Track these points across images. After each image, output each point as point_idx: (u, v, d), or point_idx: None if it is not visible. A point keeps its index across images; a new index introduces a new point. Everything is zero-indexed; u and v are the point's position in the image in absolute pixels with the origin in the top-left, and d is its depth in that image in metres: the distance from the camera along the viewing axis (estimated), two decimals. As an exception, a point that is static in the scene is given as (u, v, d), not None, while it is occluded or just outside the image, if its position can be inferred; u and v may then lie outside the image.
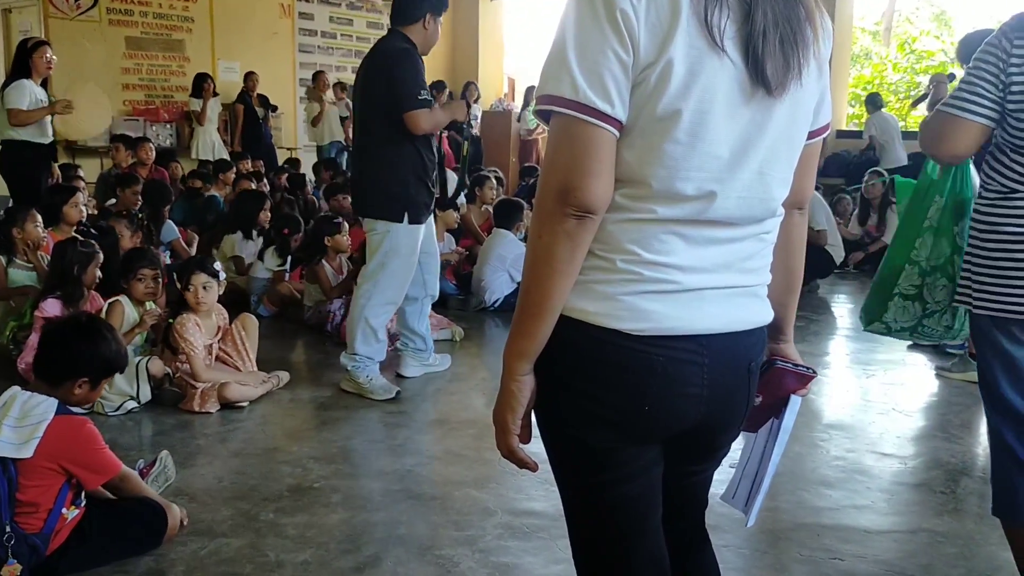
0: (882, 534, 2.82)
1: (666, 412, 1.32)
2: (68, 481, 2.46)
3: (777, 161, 1.32)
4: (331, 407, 4.00)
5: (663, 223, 1.26)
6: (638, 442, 1.36)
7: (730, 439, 1.48)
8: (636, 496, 1.39)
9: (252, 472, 3.21)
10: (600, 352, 1.29)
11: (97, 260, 4.26)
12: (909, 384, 4.53)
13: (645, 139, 1.23)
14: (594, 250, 1.28)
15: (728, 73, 1.22)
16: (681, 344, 1.29)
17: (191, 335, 3.95)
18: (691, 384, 1.31)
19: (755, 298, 1.38)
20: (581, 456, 1.38)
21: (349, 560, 2.59)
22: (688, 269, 1.28)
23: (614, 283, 1.27)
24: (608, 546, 1.43)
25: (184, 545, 2.65)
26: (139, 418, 3.80)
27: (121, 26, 10.08)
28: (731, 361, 1.35)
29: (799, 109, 1.32)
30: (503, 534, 2.76)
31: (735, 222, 1.30)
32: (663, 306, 1.27)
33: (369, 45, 4.74)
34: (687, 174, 1.24)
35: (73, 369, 2.57)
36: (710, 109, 1.22)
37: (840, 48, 11.45)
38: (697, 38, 1.19)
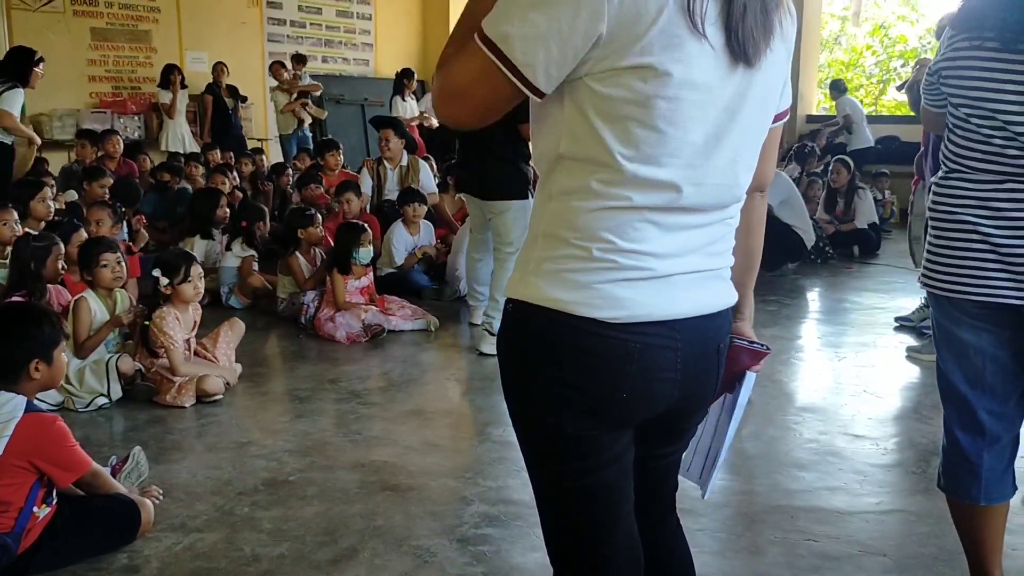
0: (855, 515, 2.85)
1: (643, 397, 1.33)
2: (39, 479, 2.43)
3: (746, 147, 1.35)
4: (306, 400, 3.98)
5: (638, 210, 1.26)
6: (614, 428, 1.36)
7: (698, 420, 1.51)
8: (610, 483, 1.40)
9: (227, 466, 3.19)
10: (576, 340, 1.29)
11: (56, 252, 4.18)
12: (880, 366, 4.58)
13: (619, 125, 1.23)
14: (569, 239, 1.28)
15: (707, 60, 1.22)
16: (655, 330, 1.30)
17: (171, 328, 3.91)
18: (666, 368, 1.32)
19: (721, 280, 1.41)
20: (557, 444, 1.37)
21: (326, 553, 2.58)
22: (661, 255, 1.29)
23: (590, 271, 1.27)
24: (583, 533, 1.43)
25: (158, 541, 2.63)
26: (111, 414, 3.76)
27: (86, 17, 9.92)
28: (702, 344, 1.37)
29: (769, 94, 1.35)
30: (480, 523, 2.77)
31: (706, 208, 1.32)
32: (637, 293, 1.28)
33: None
34: (662, 160, 1.24)
35: (19, 357, 2.52)
36: (685, 96, 1.22)
37: (809, 33, 11.50)
38: (678, 25, 1.19)
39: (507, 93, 1.25)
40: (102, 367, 3.81)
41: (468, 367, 4.56)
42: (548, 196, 1.32)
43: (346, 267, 5.04)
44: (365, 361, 4.61)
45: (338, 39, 12.49)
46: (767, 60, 1.30)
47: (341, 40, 12.53)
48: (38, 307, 2.75)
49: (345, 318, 4.94)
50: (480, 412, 3.94)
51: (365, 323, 4.96)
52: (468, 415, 3.90)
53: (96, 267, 3.99)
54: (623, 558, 1.44)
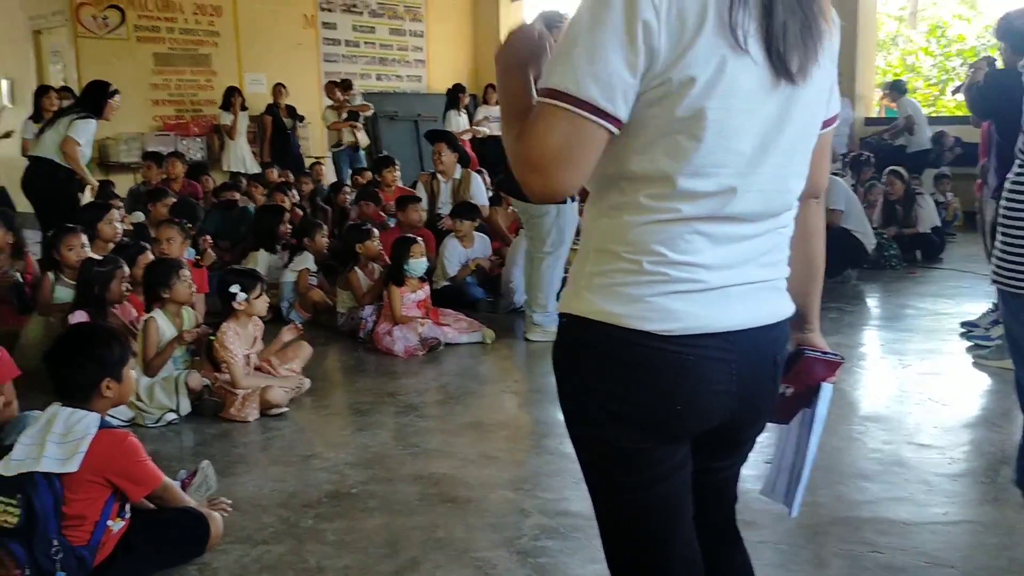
0: (922, 526, 2.79)
1: (698, 410, 1.33)
2: (113, 494, 2.51)
3: (795, 154, 1.35)
4: (366, 413, 4.04)
5: (687, 222, 1.27)
6: (669, 441, 1.37)
7: (756, 433, 1.50)
8: (668, 496, 1.40)
9: (291, 479, 3.26)
10: (630, 354, 1.29)
11: (119, 275, 4.30)
12: (946, 373, 4.49)
13: (667, 139, 1.25)
14: (620, 253, 1.30)
15: (750, 71, 1.24)
16: (709, 342, 1.30)
17: (231, 344, 4.02)
18: (720, 381, 1.32)
19: (776, 291, 1.40)
20: (612, 459, 1.38)
21: (388, 564, 2.62)
22: (713, 267, 1.29)
23: (642, 284, 1.28)
24: (641, 547, 1.44)
25: (227, 553, 2.70)
26: (179, 429, 3.87)
27: (149, 43, 10.24)
28: (757, 356, 1.36)
29: (816, 102, 1.35)
30: (540, 535, 2.78)
31: (755, 217, 1.32)
32: (690, 305, 1.28)
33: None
34: (710, 170, 1.26)
35: (91, 377, 2.60)
36: (732, 106, 1.24)
37: (866, 35, 11.31)
38: (720, 39, 1.21)
39: (596, 137, 1.23)
40: (171, 384, 3.92)
41: (525, 379, 4.58)
42: (599, 212, 1.34)
43: (400, 279, 5.10)
44: (423, 374, 4.66)
45: (391, 57, 12.69)
46: (816, 70, 1.30)
47: (394, 58, 12.72)
48: (106, 328, 2.84)
49: (403, 332, 4.99)
50: (537, 424, 3.95)
51: (422, 337, 5.01)
52: (525, 427, 3.91)
53: (176, 282, 4.10)
54: (683, 571, 1.45)
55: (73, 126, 6.12)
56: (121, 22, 9.93)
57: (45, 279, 4.79)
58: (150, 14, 10.19)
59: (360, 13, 12.29)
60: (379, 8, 12.47)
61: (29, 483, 2.37)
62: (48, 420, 2.51)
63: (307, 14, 11.69)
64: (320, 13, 11.82)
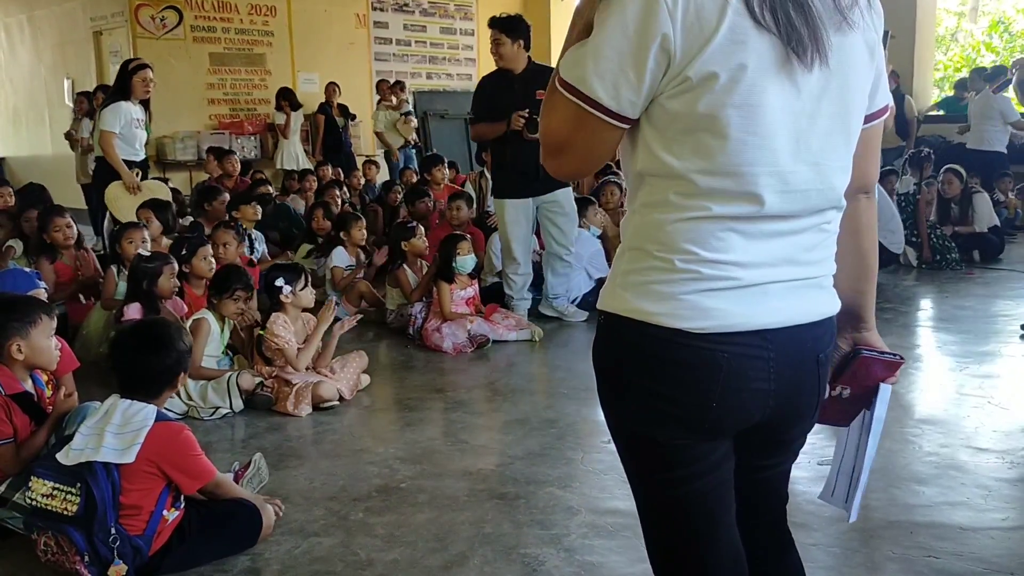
0: (979, 531, 2.73)
1: (734, 408, 1.33)
2: (168, 485, 2.56)
3: (833, 150, 1.32)
4: (415, 409, 4.07)
5: (719, 220, 1.27)
6: (707, 438, 1.36)
7: (802, 431, 1.47)
8: (707, 492, 1.40)
9: (341, 473, 3.30)
10: (664, 351, 1.30)
11: (168, 271, 4.38)
12: (1005, 376, 4.38)
13: (692, 136, 1.25)
14: (652, 251, 1.30)
15: (773, 65, 1.22)
16: (745, 340, 1.29)
17: (281, 330, 4.08)
18: (757, 379, 1.31)
19: (820, 289, 1.38)
20: (651, 454, 1.39)
21: (437, 559, 2.63)
22: (748, 265, 1.28)
23: (674, 283, 1.28)
24: (682, 543, 1.43)
25: (278, 544, 2.74)
26: (233, 421, 3.93)
27: (205, 43, 10.42)
28: (797, 354, 1.35)
29: (851, 92, 1.32)
30: (588, 533, 2.78)
31: (793, 215, 1.30)
32: (725, 303, 1.28)
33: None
34: (740, 168, 1.25)
35: (167, 380, 2.69)
36: (759, 103, 1.23)
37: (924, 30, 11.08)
38: (742, 26, 1.20)
39: (602, 132, 1.28)
40: (223, 385, 3.98)
41: (573, 377, 4.57)
42: (632, 210, 1.36)
43: (449, 276, 5.13)
44: (471, 371, 4.68)
45: (442, 55, 12.75)
46: (838, 58, 1.27)
47: (445, 56, 12.79)
48: (172, 324, 2.90)
49: (451, 328, 5.02)
50: (585, 422, 3.95)
51: (471, 334, 5.03)
52: (573, 424, 3.90)
53: (227, 297, 4.19)
54: (723, 570, 1.44)
55: (101, 117, 6.11)
56: (178, 22, 10.13)
57: (109, 273, 4.91)
58: (206, 15, 10.37)
59: (411, 12, 12.37)
60: (430, 7, 12.54)
61: (88, 472, 2.44)
62: (107, 411, 2.57)
63: (359, 13, 11.80)
64: (372, 12, 11.93)
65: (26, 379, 2.94)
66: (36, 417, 2.90)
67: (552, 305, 5.63)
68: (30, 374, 2.98)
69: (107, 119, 6.08)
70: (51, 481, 2.48)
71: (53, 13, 11.32)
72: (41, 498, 2.48)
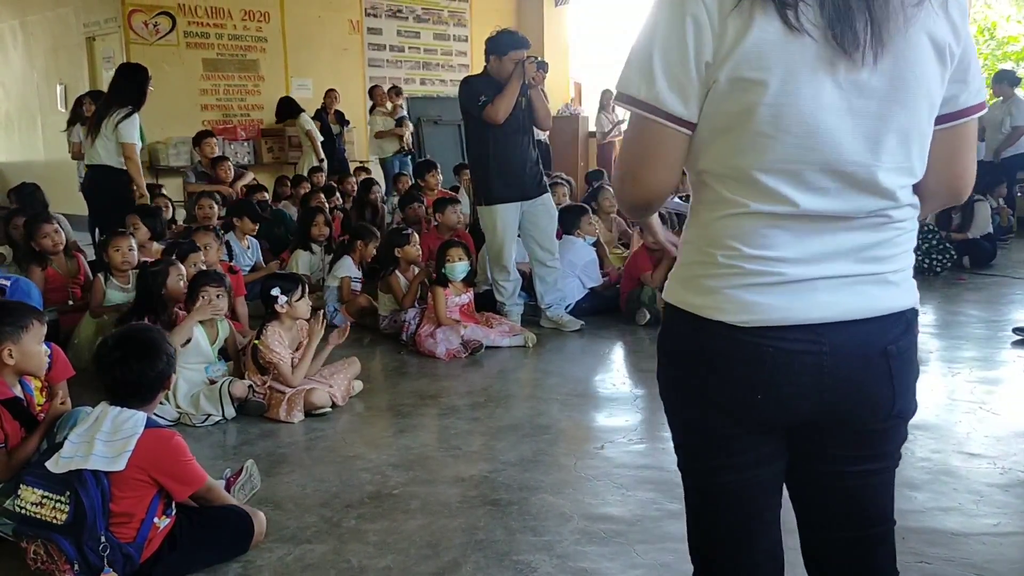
0: (971, 537, 2.73)
1: (779, 401, 1.35)
2: (159, 492, 2.55)
3: (885, 150, 1.29)
4: (408, 415, 4.07)
5: (759, 216, 1.30)
6: (754, 431, 1.39)
7: (890, 434, 1.44)
8: (747, 486, 1.43)
9: (334, 479, 3.29)
10: (713, 343, 1.35)
11: (175, 273, 4.36)
12: (997, 381, 4.39)
13: (732, 135, 1.28)
14: (700, 246, 1.37)
15: (813, 64, 1.22)
16: (792, 334, 1.31)
17: (276, 345, 4.06)
18: (804, 373, 1.32)
19: (885, 285, 1.36)
20: (698, 440, 1.45)
21: (429, 565, 2.63)
22: (795, 261, 1.31)
23: (717, 277, 1.33)
24: (716, 534, 1.48)
25: (270, 551, 2.73)
26: (225, 428, 3.92)
27: (198, 49, 10.40)
28: (857, 348, 1.34)
29: (908, 94, 1.27)
30: (580, 539, 2.77)
31: (842, 213, 1.30)
32: (768, 297, 1.31)
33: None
34: (774, 167, 1.27)
35: (157, 386, 2.68)
36: (793, 103, 1.23)
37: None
38: (773, 27, 1.21)
39: (672, 142, 1.31)
40: (215, 393, 3.96)
41: (566, 383, 4.57)
42: (691, 208, 1.41)
43: (444, 281, 5.12)
44: (464, 377, 4.67)
45: (436, 62, 12.76)
46: (892, 57, 1.24)
47: (438, 62, 12.79)
48: (157, 329, 2.89)
49: (445, 334, 5.01)
50: (578, 428, 3.95)
51: (464, 338, 5.03)
52: (566, 431, 3.90)
53: (197, 301, 4.13)
54: (754, 564, 1.47)
55: (121, 131, 5.98)
56: (171, 28, 10.11)
57: (96, 281, 4.89)
58: (199, 20, 10.35)
59: (405, 18, 12.37)
60: (424, 13, 12.55)
61: (78, 480, 2.43)
62: (97, 418, 2.56)
63: (353, 20, 11.79)
64: (366, 19, 11.92)
65: (15, 385, 2.93)
66: (26, 423, 2.89)
67: (547, 316, 5.63)
68: (20, 380, 2.96)
69: (130, 131, 5.99)
70: (40, 489, 2.46)
71: (46, 19, 11.29)
72: (30, 506, 2.46)
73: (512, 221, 5.43)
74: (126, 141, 5.99)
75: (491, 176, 5.36)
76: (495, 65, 5.32)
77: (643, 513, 2.95)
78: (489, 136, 5.27)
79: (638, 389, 4.42)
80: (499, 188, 5.36)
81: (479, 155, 5.45)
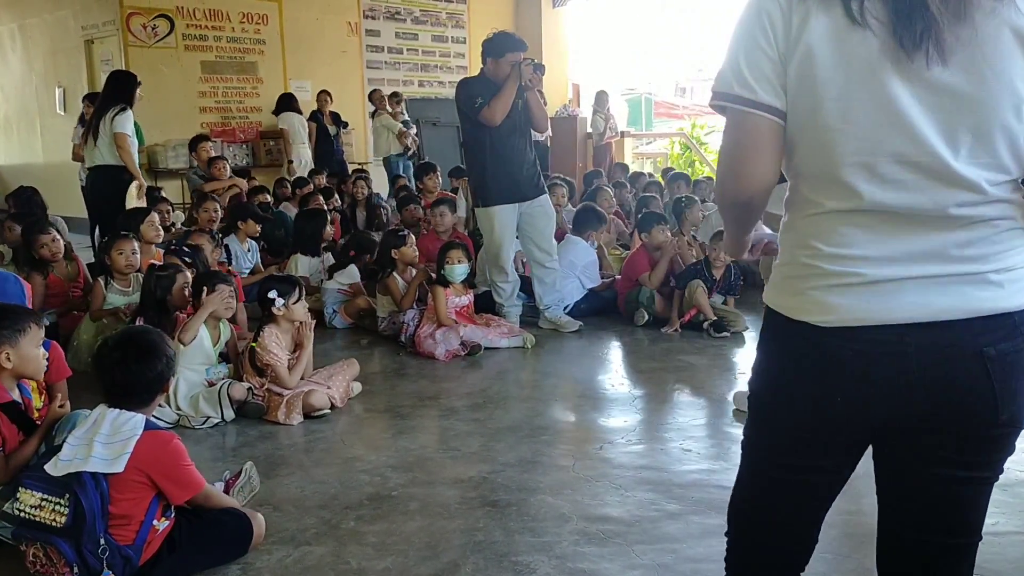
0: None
1: (861, 403, 1.35)
2: (157, 494, 2.55)
3: (964, 144, 1.27)
4: (407, 416, 4.07)
5: (835, 215, 1.33)
6: (833, 435, 1.41)
7: (997, 443, 1.41)
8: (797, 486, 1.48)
9: (333, 481, 3.29)
10: (794, 343, 1.39)
11: (181, 280, 4.38)
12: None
13: (809, 132, 1.32)
14: (787, 247, 1.42)
15: (874, 52, 1.24)
16: (875, 335, 1.31)
17: (273, 347, 4.07)
18: (888, 374, 1.32)
19: (983, 284, 1.32)
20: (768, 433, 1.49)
21: (428, 567, 2.63)
22: (875, 260, 1.31)
23: (801, 278, 1.37)
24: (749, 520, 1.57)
25: (269, 553, 2.73)
26: (224, 430, 3.92)
27: (196, 51, 10.41)
28: (948, 350, 1.31)
29: (987, 87, 1.25)
30: (579, 540, 2.77)
31: (923, 211, 1.29)
32: (849, 299, 1.32)
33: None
34: (850, 160, 1.28)
35: (156, 388, 2.68)
36: (857, 94, 1.25)
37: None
38: (837, 23, 1.24)
39: (768, 131, 1.34)
40: (214, 395, 3.96)
41: (564, 384, 4.58)
42: (786, 212, 1.43)
43: (445, 281, 5.12)
44: (463, 378, 4.67)
45: (434, 63, 12.77)
46: (968, 50, 1.23)
47: (436, 64, 12.80)
48: (156, 331, 2.89)
49: (444, 335, 5.01)
50: (577, 429, 3.95)
51: (463, 339, 5.03)
52: (565, 432, 3.90)
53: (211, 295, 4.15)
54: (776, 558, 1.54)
55: (115, 123, 6.20)
56: (170, 31, 10.11)
57: (97, 285, 4.89)
58: (198, 23, 10.36)
59: (403, 20, 12.39)
60: (422, 15, 12.56)
61: (77, 483, 2.42)
62: (95, 421, 2.56)
63: (351, 22, 11.80)
64: (364, 20, 11.94)
65: (13, 388, 2.92)
66: (24, 427, 2.89)
67: (546, 317, 5.62)
68: (17, 384, 2.96)
69: (124, 123, 6.22)
70: (39, 492, 2.46)
71: (44, 21, 11.29)
72: (29, 509, 2.46)
73: (510, 222, 5.42)
74: (119, 131, 6.17)
75: (488, 178, 5.36)
76: (492, 67, 5.33)
77: (642, 514, 2.95)
78: (486, 138, 5.27)
79: (637, 390, 4.42)
80: (496, 190, 5.36)
81: (476, 157, 5.45)
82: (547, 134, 10.27)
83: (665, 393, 4.46)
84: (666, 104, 20.62)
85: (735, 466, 2.11)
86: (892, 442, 1.43)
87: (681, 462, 3.41)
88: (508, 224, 5.42)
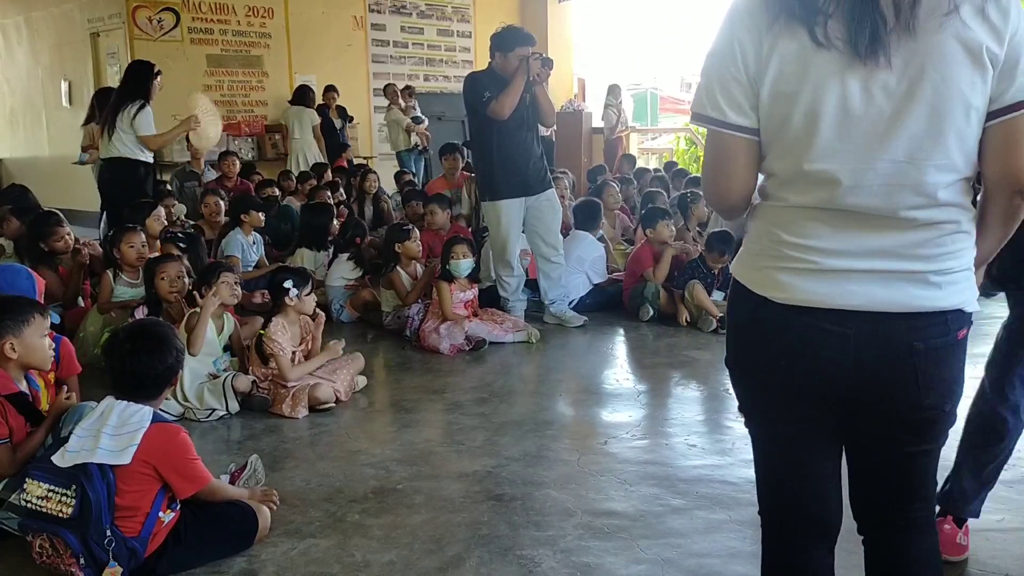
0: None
1: (805, 369, 1.51)
2: (163, 486, 2.56)
3: (929, 149, 1.39)
4: (412, 410, 4.07)
5: (801, 209, 1.47)
6: (786, 394, 1.56)
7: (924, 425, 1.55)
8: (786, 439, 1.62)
9: (338, 474, 3.30)
10: (755, 312, 1.55)
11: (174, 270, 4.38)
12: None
13: (776, 140, 1.48)
14: (755, 232, 1.57)
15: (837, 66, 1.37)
16: (822, 316, 1.47)
17: (279, 337, 4.08)
18: (831, 350, 1.47)
19: (922, 284, 1.45)
20: (742, 391, 1.68)
21: (433, 560, 2.64)
22: (830, 252, 1.45)
23: (762, 256, 1.54)
24: (763, 471, 1.70)
25: (275, 546, 2.74)
26: (229, 423, 3.93)
27: (202, 44, 10.42)
28: (883, 339, 1.46)
29: (942, 95, 1.37)
30: (584, 534, 2.78)
31: (879, 211, 1.41)
32: (801, 282, 1.47)
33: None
34: (815, 165, 1.43)
35: (165, 380, 2.70)
36: (822, 106, 1.39)
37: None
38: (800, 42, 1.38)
39: (740, 147, 1.51)
40: (219, 387, 3.97)
41: (569, 379, 4.58)
42: (757, 201, 1.60)
43: (449, 276, 5.13)
44: (468, 373, 4.68)
45: (439, 58, 12.75)
46: (920, 60, 1.35)
47: (442, 59, 12.78)
48: (166, 324, 2.90)
49: (448, 330, 5.01)
50: (581, 424, 3.95)
51: (467, 334, 5.03)
52: (569, 426, 3.91)
53: (216, 282, 4.15)
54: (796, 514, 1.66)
55: (137, 126, 6.15)
56: (175, 24, 10.12)
57: (105, 277, 4.89)
58: (203, 16, 10.37)
59: (409, 14, 12.37)
60: (427, 9, 12.54)
61: (84, 474, 2.43)
62: (103, 413, 2.57)
63: (357, 16, 11.79)
64: (369, 15, 11.92)
65: (20, 379, 2.94)
66: (31, 418, 2.90)
67: (551, 311, 5.63)
68: (25, 375, 2.97)
69: (145, 124, 6.20)
70: (46, 483, 2.47)
71: (50, 15, 11.30)
72: (36, 500, 2.47)
73: (516, 217, 5.42)
74: (146, 134, 6.19)
75: (495, 172, 5.37)
76: (500, 61, 5.33)
77: (646, 508, 2.96)
78: (493, 132, 5.27)
79: (641, 385, 4.43)
80: (503, 184, 5.36)
81: (483, 151, 5.45)
82: (552, 129, 10.26)
83: (669, 388, 4.46)
84: (671, 99, 20.56)
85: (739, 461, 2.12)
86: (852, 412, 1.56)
87: (685, 457, 3.42)
88: (515, 218, 5.42)
